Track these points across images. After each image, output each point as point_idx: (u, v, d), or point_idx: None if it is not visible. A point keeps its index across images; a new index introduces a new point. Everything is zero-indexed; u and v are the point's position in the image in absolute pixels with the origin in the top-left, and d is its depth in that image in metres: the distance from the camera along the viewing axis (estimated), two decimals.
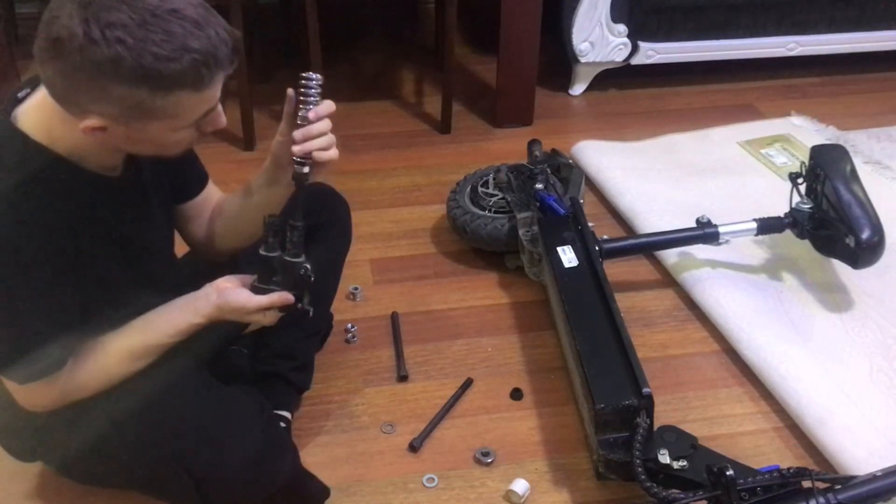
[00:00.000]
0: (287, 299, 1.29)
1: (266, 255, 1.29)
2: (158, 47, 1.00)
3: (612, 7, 2.70)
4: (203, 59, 1.03)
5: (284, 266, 1.29)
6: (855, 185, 1.83)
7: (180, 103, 1.07)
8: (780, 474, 1.31)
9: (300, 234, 1.28)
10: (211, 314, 1.27)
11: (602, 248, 1.86)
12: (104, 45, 0.99)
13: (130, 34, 0.99)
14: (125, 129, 1.08)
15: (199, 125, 1.14)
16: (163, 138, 1.12)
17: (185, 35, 1.02)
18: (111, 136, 1.09)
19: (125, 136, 1.10)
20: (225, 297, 1.26)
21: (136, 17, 0.99)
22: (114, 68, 1.00)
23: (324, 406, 1.67)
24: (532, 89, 2.68)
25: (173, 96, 1.05)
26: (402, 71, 3.07)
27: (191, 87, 1.05)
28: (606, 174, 2.36)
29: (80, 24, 0.98)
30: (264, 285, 1.30)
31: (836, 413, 1.60)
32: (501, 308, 1.94)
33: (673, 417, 1.63)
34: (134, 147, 1.15)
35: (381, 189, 2.37)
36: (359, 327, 1.85)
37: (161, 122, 1.08)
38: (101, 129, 1.07)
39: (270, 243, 1.29)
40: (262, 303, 1.27)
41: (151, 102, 1.04)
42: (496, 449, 1.57)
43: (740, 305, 1.87)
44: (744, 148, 2.52)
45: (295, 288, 1.31)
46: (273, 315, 1.30)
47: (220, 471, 1.25)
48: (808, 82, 2.97)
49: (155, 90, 1.03)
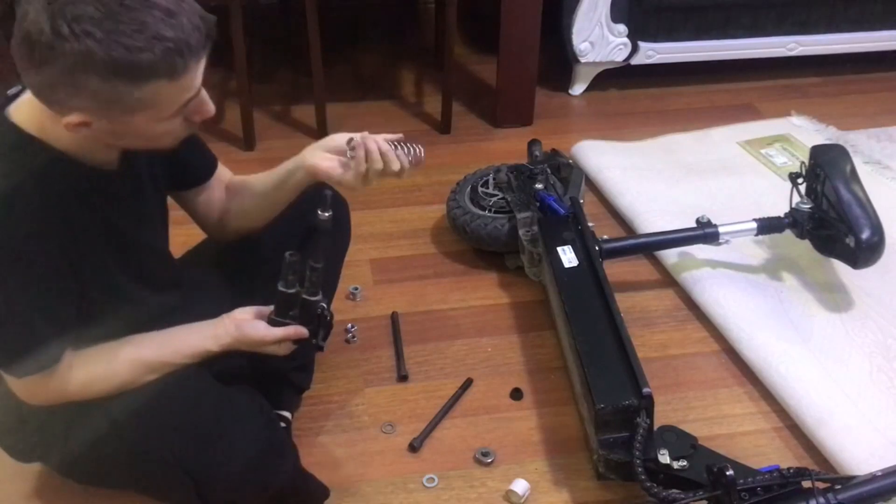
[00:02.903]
0: (302, 333, 1.33)
1: (284, 292, 1.32)
2: (129, 38, 0.99)
3: (612, 7, 2.70)
4: (176, 47, 1.02)
5: (303, 303, 1.33)
6: (855, 185, 1.83)
7: (158, 93, 1.05)
8: (780, 474, 1.31)
9: (319, 275, 1.32)
10: (228, 344, 1.30)
11: (602, 248, 1.86)
12: (73, 40, 0.97)
13: (99, 27, 0.98)
14: (108, 124, 1.08)
15: (186, 115, 1.13)
16: (149, 130, 1.11)
17: (157, 24, 1.00)
18: (96, 131, 1.08)
19: (110, 131, 1.10)
20: (242, 329, 1.30)
21: (104, 9, 0.98)
22: (85, 63, 0.99)
23: (324, 406, 1.67)
24: (532, 89, 2.68)
25: (150, 87, 1.04)
26: (402, 71, 3.07)
27: (166, 77, 1.04)
28: (606, 174, 2.36)
29: (47, 20, 0.97)
30: (281, 318, 1.34)
31: (836, 413, 1.60)
32: (501, 308, 1.94)
33: (673, 417, 1.63)
34: (122, 141, 1.15)
35: (381, 189, 2.36)
36: (359, 327, 1.85)
37: (142, 114, 1.07)
38: (85, 124, 1.06)
39: (290, 280, 1.32)
40: (277, 335, 1.31)
41: (129, 95, 1.03)
42: (496, 449, 1.58)
43: (740, 305, 1.87)
44: (744, 148, 2.52)
45: (311, 324, 1.35)
46: (287, 346, 1.35)
47: (219, 472, 1.25)
48: (808, 82, 2.97)
49: (130, 82, 1.02)
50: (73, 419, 1.26)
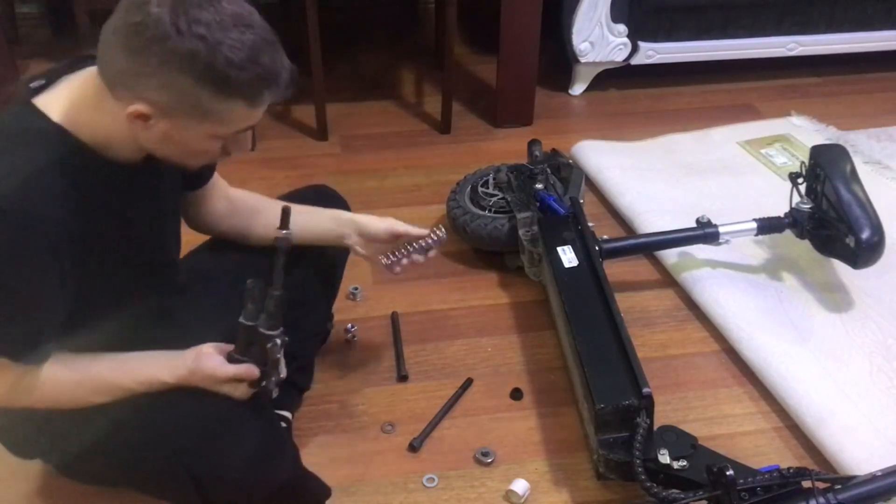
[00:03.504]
0: (252, 373, 1.26)
1: (242, 324, 1.26)
2: (233, 53, 1.04)
3: (612, 7, 2.70)
4: (268, 76, 1.08)
5: (259, 337, 1.26)
6: (855, 185, 1.83)
7: (231, 112, 1.10)
8: (780, 474, 1.31)
9: (277, 303, 1.25)
10: (183, 377, 1.24)
11: (602, 248, 1.86)
12: (187, 38, 1.02)
13: (211, 33, 1.03)
14: (168, 124, 1.10)
15: (228, 143, 1.18)
16: (196, 144, 1.14)
17: (257, 49, 1.06)
18: (149, 128, 1.10)
19: (162, 132, 1.11)
20: (199, 361, 1.25)
21: (220, 20, 1.04)
22: (188, 62, 1.03)
23: (324, 406, 1.67)
24: (532, 89, 2.68)
25: (228, 104, 1.08)
26: (402, 71, 3.07)
27: (247, 100, 1.09)
28: (606, 174, 2.36)
29: (170, 13, 1.02)
30: (239, 356, 1.26)
31: (836, 413, 1.60)
32: (501, 308, 1.94)
33: (673, 417, 1.63)
34: (161, 146, 1.15)
35: (381, 189, 2.37)
36: (359, 327, 1.85)
37: (206, 126, 1.11)
38: (146, 117, 1.08)
39: (250, 310, 1.25)
40: (228, 372, 1.25)
41: (208, 103, 1.07)
42: (496, 449, 1.58)
43: (740, 305, 1.87)
44: (744, 148, 2.52)
45: (265, 363, 1.27)
46: (244, 390, 1.28)
47: (220, 470, 1.25)
48: (808, 82, 2.98)
49: (216, 92, 1.06)
50: (74, 418, 1.26)
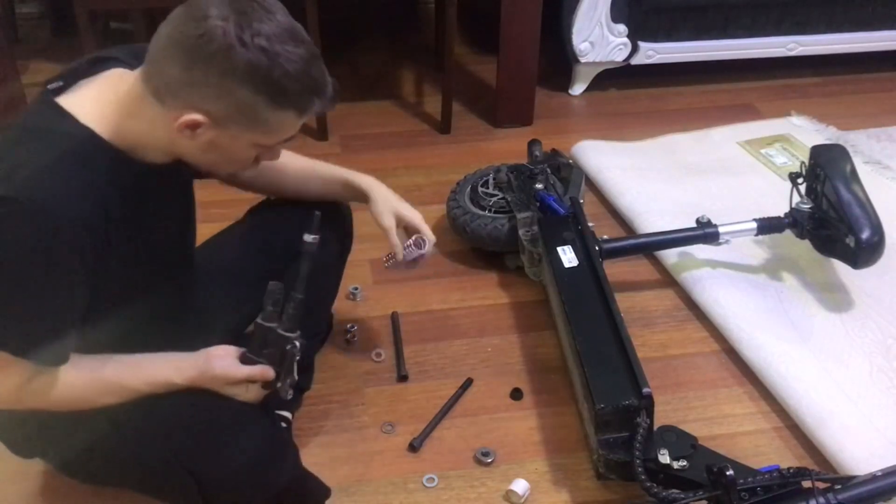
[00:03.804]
0: (267, 375, 1.28)
1: (261, 325, 1.27)
2: (290, 65, 1.08)
3: (612, 7, 2.70)
4: (317, 89, 1.13)
5: (276, 339, 1.27)
6: (855, 185, 1.83)
7: (282, 122, 1.14)
8: (780, 474, 1.31)
9: (297, 307, 1.27)
10: (192, 378, 1.25)
11: (602, 248, 1.86)
12: (250, 50, 1.06)
13: (271, 45, 1.07)
14: (217, 133, 1.13)
15: (263, 153, 1.22)
16: (240, 152, 1.18)
17: (309, 63, 1.11)
18: (196, 137, 1.12)
19: (208, 141, 1.14)
20: (210, 364, 1.26)
21: (279, 33, 1.08)
22: (248, 73, 1.07)
23: (324, 406, 1.67)
24: (532, 89, 2.68)
25: (280, 113, 1.12)
26: (402, 71, 3.07)
27: (297, 110, 1.13)
28: (606, 174, 2.36)
29: (235, 27, 1.06)
30: (254, 356, 1.28)
31: (836, 413, 1.60)
32: (501, 308, 1.94)
33: (673, 417, 1.63)
34: (202, 154, 1.18)
35: None
36: (359, 327, 1.85)
37: (255, 135, 1.15)
38: (195, 126, 1.11)
39: (269, 312, 1.27)
40: (242, 373, 1.26)
41: (263, 112, 1.11)
42: (496, 449, 1.58)
43: (740, 305, 1.87)
44: (744, 148, 2.52)
45: (281, 364, 1.28)
46: (255, 391, 1.29)
47: (222, 471, 1.25)
48: (808, 82, 2.98)
49: (271, 102, 1.10)
50: (75, 419, 1.26)
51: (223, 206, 1.64)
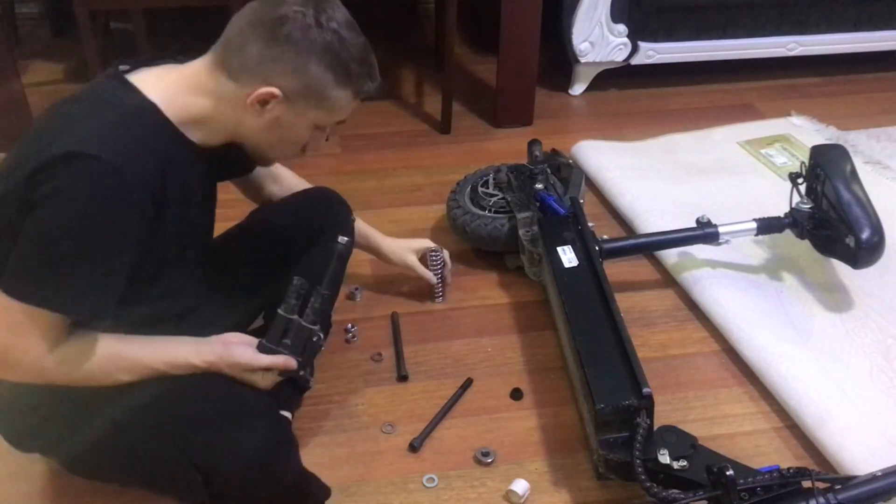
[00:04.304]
0: (290, 364, 1.34)
1: (283, 316, 1.34)
2: (354, 49, 1.25)
3: (612, 7, 2.70)
4: (371, 72, 1.30)
5: (299, 330, 1.34)
6: (855, 185, 1.83)
7: (340, 101, 1.28)
8: (780, 474, 1.31)
9: (325, 303, 1.36)
10: (211, 362, 1.30)
11: (602, 248, 1.86)
12: (325, 31, 1.22)
13: (342, 29, 1.24)
14: (285, 109, 1.25)
15: (313, 138, 1.33)
16: (299, 131, 1.30)
17: (367, 50, 1.28)
18: (263, 113, 1.24)
19: (274, 118, 1.26)
20: (230, 351, 1.31)
21: (347, 21, 1.26)
22: (322, 50, 1.22)
23: (324, 406, 1.67)
24: (532, 89, 2.68)
25: (341, 92, 1.27)
26: (402, 71, 3.07)
27: (354, 90, 1.28)
28: (606, 174, 2.36)
29: (313, 10, 1.22)
30: (273, 345, 1.33)
31: (836, 413, 1.60)
32: (501, 308, 1.94)
33: (673, 417, 1.63)
34: (264, 132, 1.28)
35: (381, 189, 2.37)
36: (359, 327, 1.85)
37: (318, 112, 1.28)
38: (268, 99, 1.23)
39: (292, 305, 1.33)
40: (265, 362, 1.32)
41: (329, 90, 1.26)
42: (496, 449, 1.58)
43: (740, 305, 1.87)
44: (744, 148, 2.52)
45: (302, 354, 1.35)
46: (271, 378, 1.35)
47: (228, 465, 1.24)
48: (808, 82, 2.98)
49: (336, 80, 1.25)
50: (80, 412, 1.26)
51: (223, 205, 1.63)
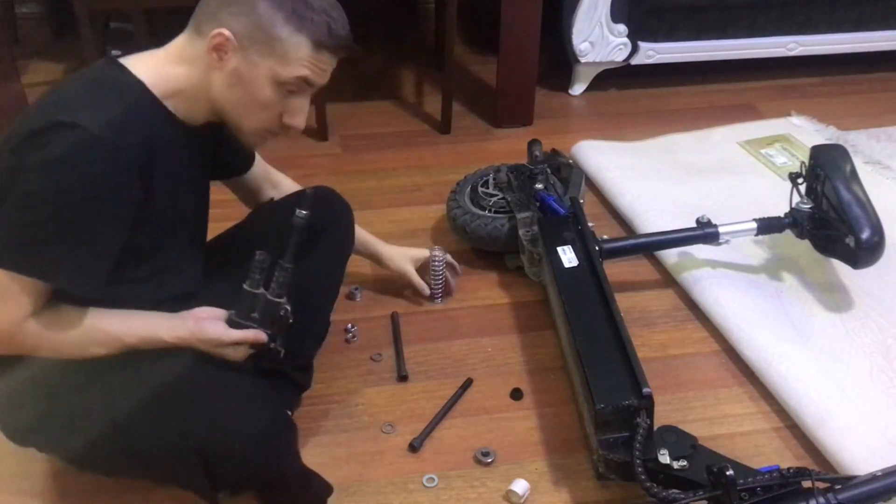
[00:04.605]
0: (261, 337, 1.34)
1: (249, 291, 1.33)
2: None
3: (612, 7, 2.70)
4: (332, 28, 1.25)
5: (266, 305, 1.34)
6: (855, 185, 1.83)
7: (295, 49, 1.23)
8: (780, 474, 1.31)
9: (288, 276, 1.34)
10: (182, 338, 1.30)
11: (602, 248, 1.86)
12: None
13: None
14: (241, 57, 1.23)
15: (285, 108, 1.28)
16: (259, 86, 1.25)
17: (330, 6, 1.26)
18: (223, 65, 1.23)
19: (233, 70, 1.24)
20: (201, 326, 1.31)
21: None
22: None
23: (324, 406, 1.67)
24: (532, 89, 2.68)
25: (294, 39, 1.23)
26: (402, 71, 3.07)
27: (310, 38, 1.23)
28: (606, 174, 2.36)
29: None
30: (242, 320, 1.33)
31: (836, 413, 1.60)
32: (501, 308, 1.94)
33: (673, 417, 1.63)
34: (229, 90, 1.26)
35: (381, 189, 2.37)
36: (359, 327, 1.85)
37: (272, 61, 1.23)
38: (223, 47, 1.22)
39: (256, 279, 1.33)
40: (235, 337, 1.32)
41: (278, 30, 1.22)
42: (496, 449, 1.58)
43: (740, 305, 1.87)
44: (744, 148, 2.52)
45: (272, 327, 1.35)
46: (243, 351, 1.35)
47: (230, 447, 1.24)
48: (808, 82, 2.98)
49: (287, 20, 1.22)
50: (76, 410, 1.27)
51: (223, 205, 1.64)
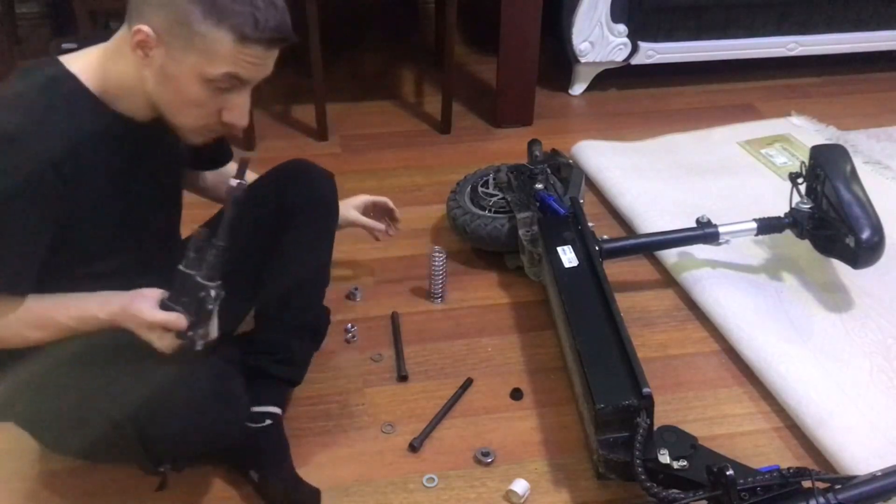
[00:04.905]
0: (178, 324, 1.23)
1: (181, 271, 1.24)
2: None
3: (612, 7, 2.70)
4: (258, 18, 1.14)
5: (193, 286, 1.23)
6: (855, 185, 1.83)
7: (218, 44, 1.15)
8: (780, 474, 1.31)
9: (219, 255, 1.23)
10: (114, 314, 1.24)
11: (602, 248, 1.86)
12: None
13: None
14: (164, 53, 1.16)
15: (223, 104, 1.22)
16: (187, 84, 1.18)
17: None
18: (150, 63, 1.17)
19: (159, 68, 1.18)
20: (133, 302, 1.23)
21: None
22: None
23: (324, 406, 1.67)
24: (532, 89, 2.68)
25: (216, 33, 1.14)
26: (402, 71, 3.07)
27: (233, 33, 1.14)
28: (606, 174, 2.36)
29: None
30: (171, 303, 1.24)
31: (836, 413, 1.60)
32: (501, 308, 1.94)
33: (673, 417, 1.63)
34: (159, 87, 1.20)
35: (381, 189, 2.36)
36: (359, 327, 1.85)
37: (195, 57, 1.16)
38: (147, 42, 1.15)
39: (192, 259, 1.23)
40: (156, 318, 1.22)
41: (197, 25, 1.13)
42: (496, 449, 1.57)
43: (740, 305, 1.87)
44: (744, 148, 2.52)
45: (196, 314, 1.23)
46: (169, 340, 1.24)
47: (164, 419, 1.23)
48: (808, 82, 2.98)
49: (206, 13, 1.13)
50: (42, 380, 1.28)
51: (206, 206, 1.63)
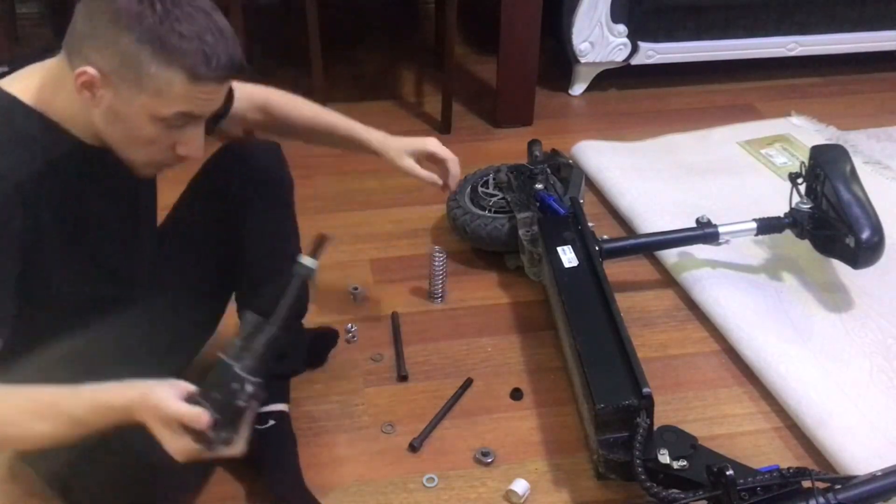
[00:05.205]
0: (199, 420, 1.05)
1: (221, 360, 1.10)
2: (178, 23, 1.07)
3: (612, 7, 2.70)
4: (209, 54, 1.08)
5: (228, 378, 1.08)
6: (855, 185, 1.83)
7: (170, 84, 1.09)
8: (780, 474, 1.31)
9: (269, 343, 1.10)
10: (132, 401, 1.07)
11: (602, 248, 1.86)
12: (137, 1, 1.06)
13: (163, 3, 1.07)
14: (112, 94, 1.10)
15: (177, 139, 1.16)
16: (138, 125, 1.13)
17: (206, 29, 1.09)
18: (97, 102, 1.11)
19: (108, 107, 1.12)
20: (155, 389, 1.07)
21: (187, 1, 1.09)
22: (134, 22, 1.06)
23: (324, 406, 1.67)
24: (532, 89, 2.68)
25: (167, 73, 1.08)
26: (402, 71, 3.07)
27: (185, 72, 1.08)
28: (606, 174, 2.36)
29: None
30: (200, 397, 1.07)
31: (836, 413, 1.60)
32: (501, 308, 1.94)
33: (673, 417, 1.63)
34: (108, 127, 1.14)
35: (381, 189, 2.36)
36: (359, 327, 1.85)
37: (145, 97, 1.10)
38: (92, 85, 1.09)
39: (237, 347, 1.09)
40: (172, 410, 1.05)
41: (147, 67, 1.07)
42: (496, 449, 1.57)
43: (740, 305, 1.87)
44: (744, 148, 2.52)
45: (223, 412, 1.07)
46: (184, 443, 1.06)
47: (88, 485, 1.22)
48: (808, 82, 2.97)
49: (154, 56, 1.07)
50: None
51: None
